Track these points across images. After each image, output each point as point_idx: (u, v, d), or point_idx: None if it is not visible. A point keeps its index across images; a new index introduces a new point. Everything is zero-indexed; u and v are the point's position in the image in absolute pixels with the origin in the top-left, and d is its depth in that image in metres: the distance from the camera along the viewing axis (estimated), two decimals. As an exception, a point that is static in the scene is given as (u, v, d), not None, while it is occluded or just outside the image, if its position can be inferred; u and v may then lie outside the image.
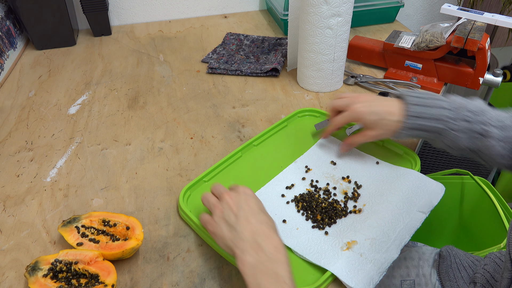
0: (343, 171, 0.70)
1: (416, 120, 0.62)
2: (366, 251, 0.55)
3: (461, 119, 0.61)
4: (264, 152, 0.74)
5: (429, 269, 0.74)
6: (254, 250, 0.47)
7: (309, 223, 0.61)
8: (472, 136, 0.61)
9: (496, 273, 0.65)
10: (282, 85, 0.96)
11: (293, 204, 0.64)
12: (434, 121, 0.62)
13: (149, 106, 0.90)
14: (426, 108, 0.62)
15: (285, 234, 0.59)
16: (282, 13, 1.15)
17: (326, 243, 0.57)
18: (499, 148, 0.60)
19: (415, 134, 0.64)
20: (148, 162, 0.75)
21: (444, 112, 0.62)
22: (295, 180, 0.68)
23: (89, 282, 0.52)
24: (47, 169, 0.74)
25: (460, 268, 0.71)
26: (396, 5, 1.20)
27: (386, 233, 0.57)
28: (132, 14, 1.29)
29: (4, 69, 1.02)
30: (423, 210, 0.61)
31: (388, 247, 0.56)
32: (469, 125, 0.61)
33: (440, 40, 0.86)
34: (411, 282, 0.73)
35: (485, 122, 0.60)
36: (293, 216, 0.62)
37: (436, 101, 0.63)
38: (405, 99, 0.64)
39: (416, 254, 0.77)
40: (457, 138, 0.61)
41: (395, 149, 0.73)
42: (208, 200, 0.56)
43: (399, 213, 0.60)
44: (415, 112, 0.62)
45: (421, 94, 0.64)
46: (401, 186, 0.65)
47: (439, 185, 0.65)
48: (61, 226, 0.58)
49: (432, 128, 0.62)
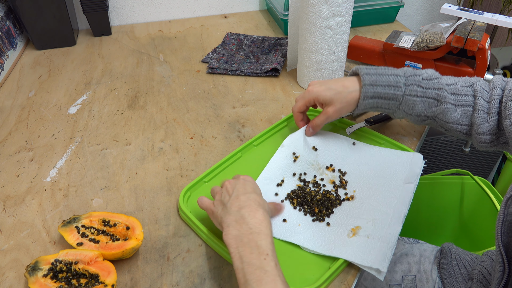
0: (325, 159, 0.71)
1: (372, 88, 0.65)
2: (371, 232, 0.57)
3: (415, 85, 0.64)
4: (264, 152, 0.74)
5: (430, 265, 0.75)
6: (239, 223, 0.49)
7: (309, 217, 0.62)
8: (428, 101, 0.65)
9: (492, 269, 0.66)
10: (282, 85, 0.96)
11: (287, 202, 0.65)
12: (390, 87, 0.65)
13: (149, 106, 0.90)
14: (380, 76, 0.65)
15: (288, 232, 0.59)
16: (282, 13, 1.15)
17: (332, 234, 0.59)
18: (454, 112, 0.63)
19: (373, 103, 0.66)
20: (148, 162, 0.75)
21: (398, 79, 0.65)
22: (285, 173, 0.69)
23: (89, 282, 0.52)
24: (47, 169, 0.74)
25: (460, 265, 0.72)
26: (396, 5, 1.20)
27: (383, 211, 0.60)
28: (132, 14, 1.29)
29: (4, 69, 1.02)
30: (410, 180, 0.64)
31: (390, 222, 0.58)
32: (423, 91, 0.64)
33: (440, 40, 0.86)
34: (413, 277, 0.74)
35: (438, 88, 0.64)
36: (292, 214, 0.63)
37: (389, 70, 0.66)
38: (359, 71, 0.67)
39: (418, 251, 0.78)
40: (414, 103, 0.65)
41: (395, 149, 0.73)
42: (213, 190, 0.59)
43: (389, 190, 0.64)
44: (370, 80, 0.65)
45: (374, 67, 0.67)
46: (382, 165, 0.68)
47: (416, 155, 0.69)
48: (61, 226, 0.58)
49: (388, 95, 0.65)
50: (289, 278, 0.53)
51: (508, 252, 0.49)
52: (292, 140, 0.73)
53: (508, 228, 0.50)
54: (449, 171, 1.07)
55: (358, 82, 0.67)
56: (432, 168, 1.36)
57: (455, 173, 1.07)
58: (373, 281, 0.76)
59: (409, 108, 0.66)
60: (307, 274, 0.54)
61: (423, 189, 1.11)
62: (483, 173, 1.37)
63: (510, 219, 0.49)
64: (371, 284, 0.77)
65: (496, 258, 0.50)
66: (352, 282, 0.54)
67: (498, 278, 0.49)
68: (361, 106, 0.67)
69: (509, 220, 0.49)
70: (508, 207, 0.50)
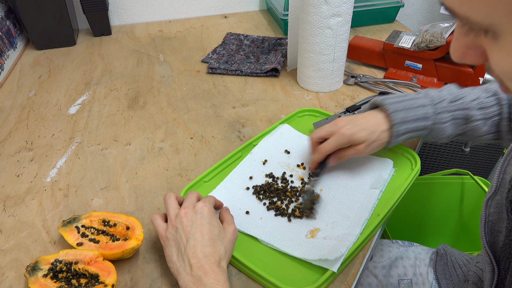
0: (297, 159, 0.72)
1: (403, 126, 0.63)
2: (329, 234, 0.58)
3: (444, 112, 0.63)
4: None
5: (426, 268, 0.75)
6: (196, 285, 0.48)
7: (272, 212, 0.63)
8: (456, 123, 0.63)
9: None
10: (282, 85, 0.96)
11: (254, 196, 0.66)
12: (420, 121, 0.63)
13: (149, 106, 0.90)
14: (409, 111, 0.63)
15: (249, 224, 0.61)
16: (282, 13, 1.15)
17: (291, 231, 0.60)
18: (483, 126, 0.62)
19: (404, 138, 0.65)
20: (148, 162, 0.75)
21: (426, 110, 0.63)
22: (253, 172, 0.70)
23: (89, 282, 0.52)
24: (47, 169, 0.74)
25: (456, 266, 0.72)
26: (396, 5, 1.20)
27: (345, 215, 0.61)
28: (132, 14, 1.29)
29: (4, 69, 1.02)
30: (376, 186, 0.65)
31: (349, 225, 0.59)
32: (452, 114, 0.63)
33: (440, 40, 0.86)
34: (409, 281, 0.74)
35: (465, 108, 0.63)
36: (255, 207, 0.64)
37: (414, 101, 0.64)
38: (385, 107, 0.64)
39: (413, 254, 0.78)
40: (444, 129, 0.64)
41: (395, 149, 0.73)
42: (168, 204, 0.56)
43: (354, 194, 0.64)
44: (400, 118, 0.63)
45: (396, 98, 0.65)
46: (352, 168, 0.69)
47: (386, 160, 0.69)
48: (61, 226, 0.58)
49: (419, 127, 0.64)
50: (289, 278, 0.53)
51: (495, 251, 0.49)
52: (261, 148, 0.74)
53: (491, 228, 0.50)
54: (449, 171, 1.07)
55: (386, 120, 0.64)
56: (432, 168, 1.36)
57: (455, 173, 1.07)
58: (369, 286, 0.76)
59: (439, 133, 0.64)
60: (307, 274, 0.54)
61: (423, 189, 1.11)
62: (483, 173, 1.37)
63: (492, 219, 0.50)
64: None
65: (485, 258, 0.50)
66: (352, 282, 0.54)
67: (489, 279, 0.49)
68: (392, 143, 0.65)
69: (491, 220, 0.50)
70: (489, 207, 0.50)
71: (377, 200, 0.63)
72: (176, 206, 0.55)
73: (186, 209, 0.54)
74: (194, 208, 0.54)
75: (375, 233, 0.60)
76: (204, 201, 0.55)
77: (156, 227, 0.55)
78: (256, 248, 0.58)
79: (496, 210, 0.49)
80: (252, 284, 0.54)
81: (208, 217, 0.54)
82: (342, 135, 0.64)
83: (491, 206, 0.50)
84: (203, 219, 0.53)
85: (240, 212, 0.63)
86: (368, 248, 0.59)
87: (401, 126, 0.63)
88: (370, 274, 0.77)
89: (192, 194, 0.57)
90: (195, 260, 0.49)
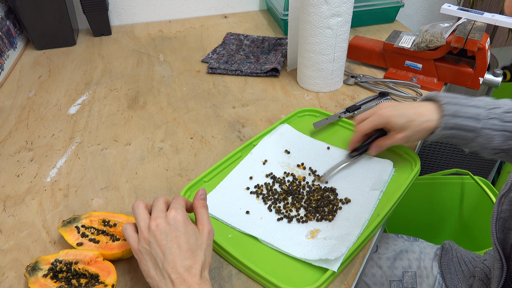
0: (297, 159, 0.72)
1: (452, 119, 0.60)
2: (329, 235, 0.58)
3: (496, 118, 0.60)
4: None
5: (430, 262, 0.75)
6: None
7: (273, 212, 0.63)
8: (505, 135, 0.60)
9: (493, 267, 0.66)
10: (282, 85, 0.96)
11: (254, 196, 0.66)
12: (471, 120, 0.60)
13: (149, 106, 0.90)
14: (462, 107, 0.60)
15: (249, 224, 0.61)
16: (282, 13, 1.15)
17: (291, 231, 0.60)
18: None
19: (450, 134, 0.62)
20: (148, 162, 0.75)
21: (479, 111, 0.60)
22: (253, 172, 0.70)
23: (89, 282, 0.52)
24: (47, 169, 0.74)
25: (461, 262, 0.72)
26: (396, 5, 1.20)
27: (345, 217, 0.61)
28: (132, 14, 1.29)
29: (4, 69, 1.02)
30: (376, 187, 0.64)
31: (349, 225, 0.59)
32: (503, 124, 0.60)
33: (440, 40, 0.86)
34: (413, 273, 0.75)
35: None
36: (255, 207, 0.64)
37: (470, 100, 0.61)
38: (438, 99, 0.62)
39: (418, 248, 0.78)
40: (492, 138, 0.60)
41: (395, 149, 0.73)
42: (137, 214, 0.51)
43: (354, 196, 0.64)
44: (452, 110, 0.60)
45: (452, 94, 0.63)
46: (352, 170, 0.69)
47: (386, 162, 0.69)
48: (61, 226, 0.58)
49: (469, 127, 0.60)
50: (289, 278, 0.53)
51: (505, 249, 0.49)
52: (261, 148, 0.74)
53: (502, 225, 0.50)
54: (449, 171, 1.07)
55: (436, 111, 0.62)
56: (432, 168, 1.36)
57: (455, 173, 1.07)
58: (373, 276, 0.77)
59: (486, 141, 0.60)
60: (307, 274, 0.54)
61: (423, 189, 1.11)
62: (483, 173, 1.37)
63: (504, 216, 0.50)
64: (371, 280, 0.77)
65: (494, 255, 0.50)
66: (352, 282, 0.54)
67: (498, 276, 0.50)
68: (437, 135, 0.62)
69: (503, 217, 0.50)
70: (502, 204, 0.50)
71: (378, 201, 0.63)
72: (146, 216, 0.50)
73: (157, 219, 0.49)
74: (166, 218, 0.49)
75: (375, 233, 0.60)
76: (175, 208, 0.50)
77: (127, 238, 0.50)
78: (256, 248, 0.58)
79: (509, 207, 0.49)
80: (252, 284, 0.54)
81: (183, 226, 0.49)
82: (379, 116, 0.64)
83: (504, 203, 0.50)
84: (178, 229, 0.48)
85: (240, 212, 0.63)
86: (369, 244, 0.59)
87: (451, 120, 0.60)
88: (374, 265, 0.77)
89: (159, 200, 0.52)
90: (176, 276, 0.46)
